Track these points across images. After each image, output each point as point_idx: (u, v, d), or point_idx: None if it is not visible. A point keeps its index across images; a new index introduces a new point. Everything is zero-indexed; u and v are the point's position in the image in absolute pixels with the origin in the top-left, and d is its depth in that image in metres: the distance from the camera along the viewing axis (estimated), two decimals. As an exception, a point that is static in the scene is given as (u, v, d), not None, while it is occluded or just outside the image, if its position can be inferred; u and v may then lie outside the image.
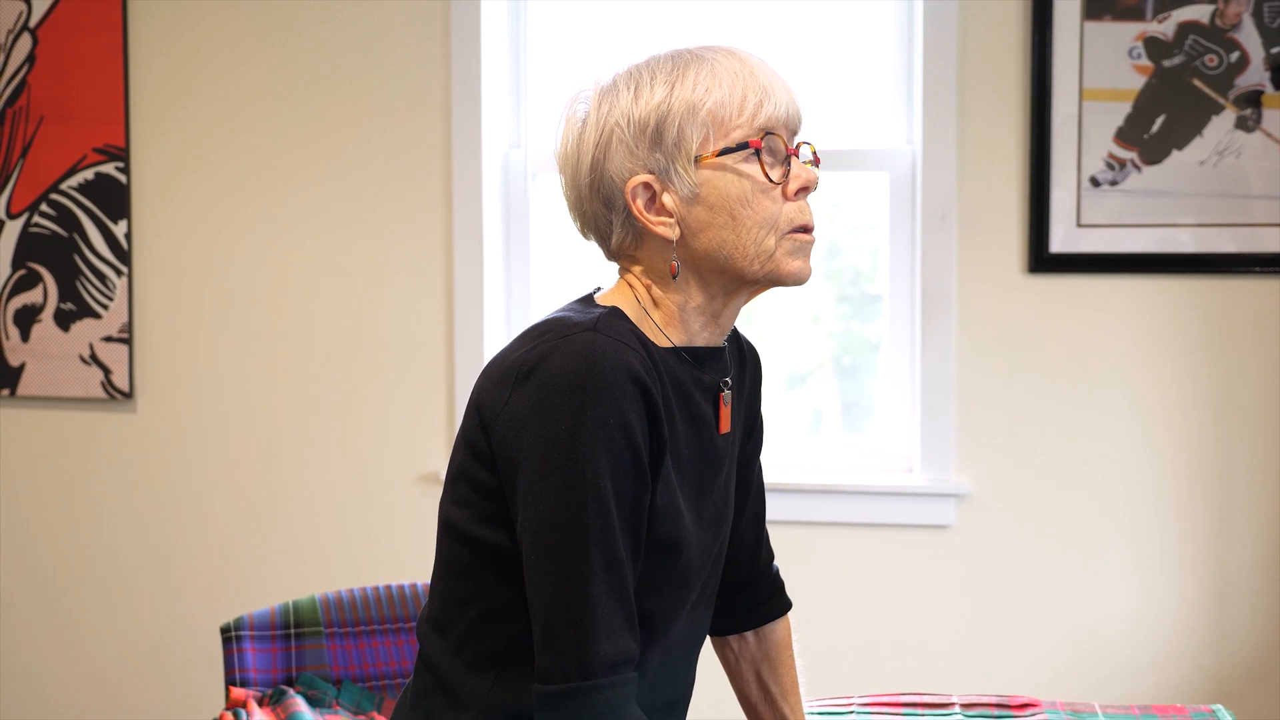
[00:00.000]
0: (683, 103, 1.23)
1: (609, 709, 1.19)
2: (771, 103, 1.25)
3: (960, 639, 2.66)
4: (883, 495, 2.67)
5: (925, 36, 2.62)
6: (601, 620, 1.18)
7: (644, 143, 1.24)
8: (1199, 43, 2.56)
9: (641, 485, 1.21)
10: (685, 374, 1.28)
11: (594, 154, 1.26)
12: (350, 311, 2.82)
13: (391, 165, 2.78)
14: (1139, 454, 2.61)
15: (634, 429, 1.19)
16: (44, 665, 2.98)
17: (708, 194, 1.24)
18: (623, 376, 1.19)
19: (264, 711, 2.03)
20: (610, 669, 1.19)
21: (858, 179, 2.79)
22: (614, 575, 1.19)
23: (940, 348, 2.64)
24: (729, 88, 1.24)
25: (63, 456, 2.94)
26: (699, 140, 1.23)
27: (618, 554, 1.19)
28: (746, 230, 1.24)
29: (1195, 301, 2.59)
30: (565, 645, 1.18)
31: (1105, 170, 2.59)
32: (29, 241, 2.91)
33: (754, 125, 1.24)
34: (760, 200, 1.24)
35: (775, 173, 1.25)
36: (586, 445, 1.17)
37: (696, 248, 1.26)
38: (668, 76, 1.24)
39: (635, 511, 1.21)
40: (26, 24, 2.89)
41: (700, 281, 1.28)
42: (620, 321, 1.25)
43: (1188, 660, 2.60)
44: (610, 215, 1.28)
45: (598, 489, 1.18)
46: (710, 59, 1.25)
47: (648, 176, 1.25)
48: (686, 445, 1.28)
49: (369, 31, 2.78)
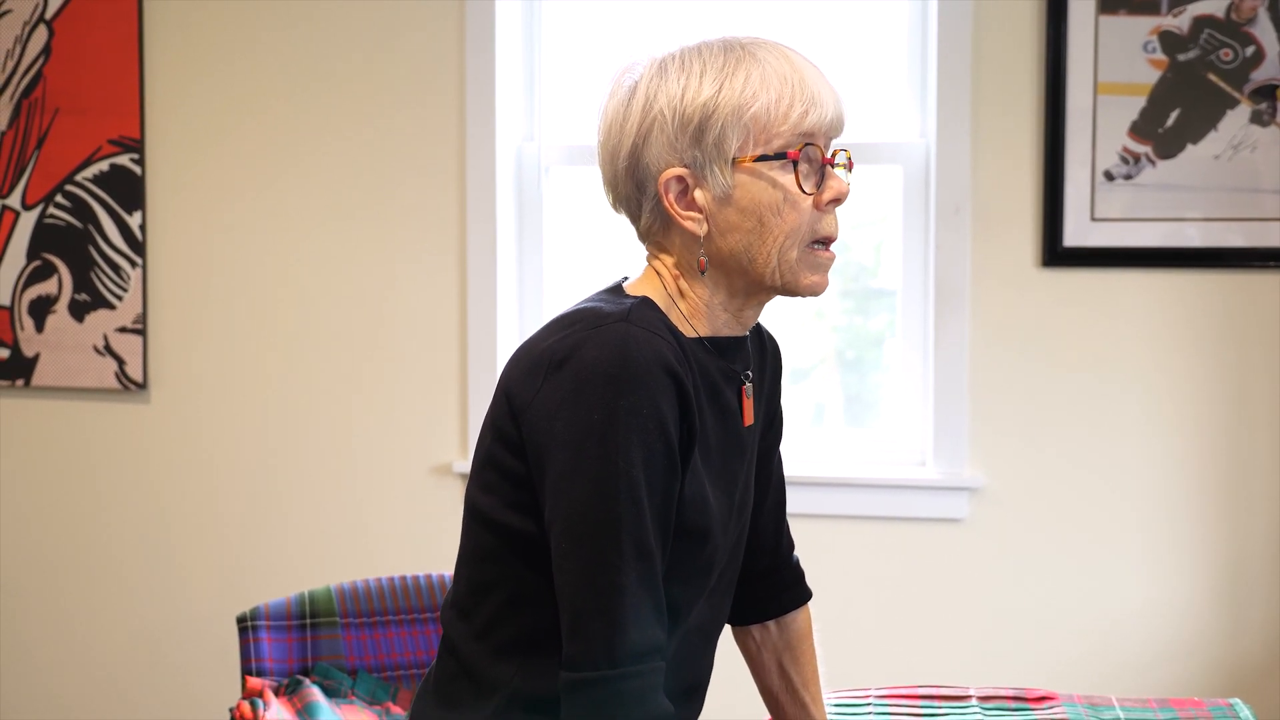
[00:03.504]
0: (729, 104, 1.24)
1: (636, 697, 1.19)
2: (817, 112, 1.26)
3: (973, 632, 2.67)
4: (896, 489, 2.67)
5: (940, 30, 2.62)
6: (631, 609, 1.19)
7: (685, 137, 1.25)
8: (1214, 37, 2.55)
9: (673, 475, 1.22)
10: (711, 364, 1.29)
11: (634, 139, 1.26)
12: (364, 303, 2.83)
13: (405, 157, 2.79)
14: (1152, 447, 2.61)
15: (667, 419, 1.20)
16: (58, 654, 2.99)
17: (740, 197, 1.25)
18: (656, 367, 1.20)
19: (280, 701, 2.04)
20: (638, 658, 1.19)
21: (864, 173, 2.79)
22: (644, 565, 1.20)
23: (953, 341, 2.64)
24: (776, 92, 1.25)
25: (77, 447, 2.95)
26: (739, 143, 1.24)
27: (648, 544, 1.20)
28: (773, 238, 1.26)
29: (1209, 295, 2.59)
30: (594, 633, 1.19)
31: (1119, 164, 2.59)
32: (44, 233, 2.92)
33: (796, 133, 1.25)
34: (790, 210, 1.25)
35: (809, 184, 1.26)
36: (620, 435, 1.18)
37: (722, 246, 1.27)
38: (719, 72, 1.25)
39: (666, 502, 1.22)
40: (42, 16, 2.89)
41: (724, 279, 1.29)
42: (651, 312, 1.26)
43: (1201, 653, 2.61)
44: (641, 199, 1.29)
45: (630, 478, 1.18)
46: (762, 59, 1.26)
47: (683, 170, 1.26)
48: (714, 435, 1.29)
49: (383, 23, 2.78)
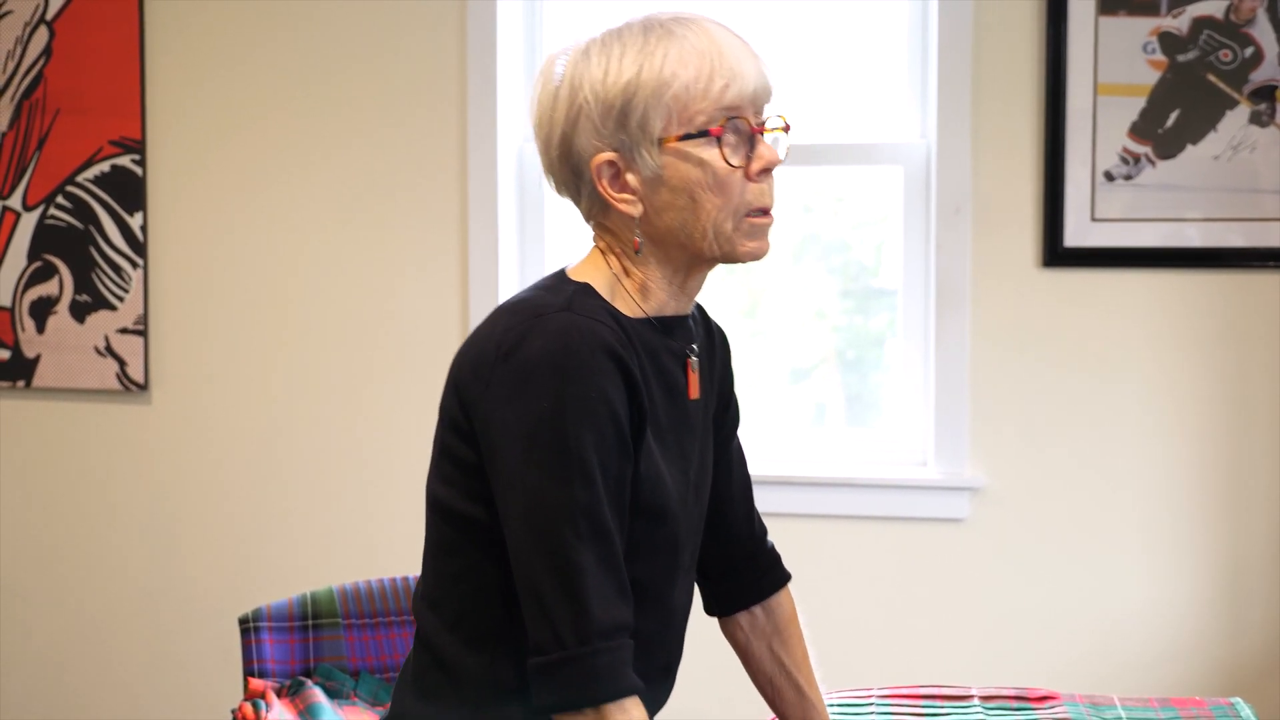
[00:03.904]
0: (649, 85, 1.25)
1: (607, 674, 1.21)
2: (738, 84, 1.26)
3: (974, 632, 2.67)
4: (897, 489, 2.67)
5: (940, 30, 2.62)
6: (594, 589, 1.20)
7: (610, 122, 1.26)
8: (1213, 37, 2.56)
9: (625, 457, 1.24)
10: (657, 342, 1.31)
11: (564, 128, 1.28)
12: (366, 304, 2.83)
13: (407, 158, 2.79)
14: (1153, 447, 2.61)
15: (614, 403, 1.22)
16: (59, 656, 2.99)
17: (670, 176, 1.26)
18: (600, 353, 1.22)
19: (283, 703, 2.04)
20: (606, 635, 1.21)
21: (863, 173, 2.80)
22: (603, 545, 1.21)
23: (954, 341, 2.64)
24: (695, 69, 1.25)
25: (78, 448, 2.95)
26: (662, 124, 1.25)
27: (606, 525, 1.22)
28: (705, 213, 1.27)
29: (1209, 296, 2.59)
30: (559, 615, 1.20)
31: (1119, 165, 2.59)
32: (45, 233, 2.92)
33: (718, 108, 1.26)
34: (719, 185, 1.26)
35: (736, 157, 1.27)
36: (570, 420, 1.20)
37: (658, 225, 1.28)
38: (638, 53, 1.26)
39: (620, 484, 1.24)
40: (43, 17, 2.90)
41: (664, 256, 1.30)
42: (592, 299, 1.28)
43: (1201, 653, 2.61)
44: (579, 184, 1.31)
45: (583, 461, 1.20)
46: (681, 36, 1.26)
47: (613, 154, 1.27)
48: (663, 412, 1.31)
49: (385, 24, 2.79)
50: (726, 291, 2.91)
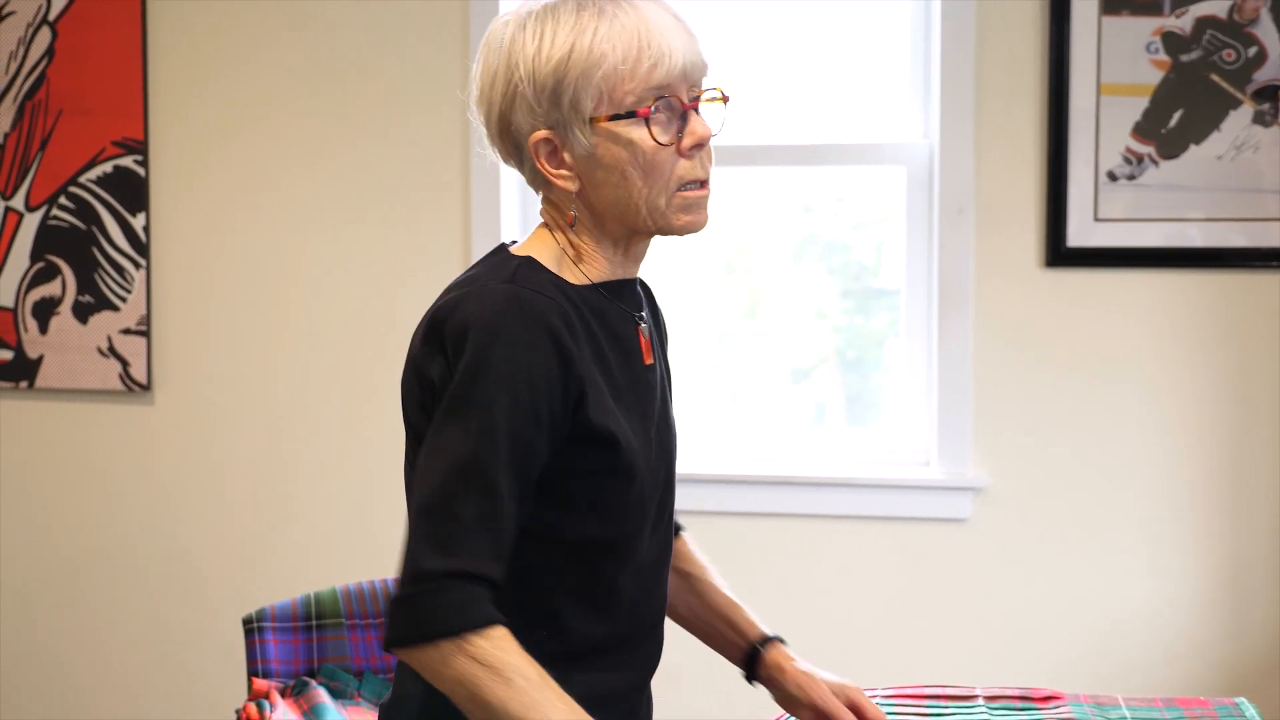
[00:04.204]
0: (578, 66, 1.27)
1: (456, 608, 1.20)
2: (666, 63, 1.28)
3: (977, 632, 2.67)
4: (900, 489, 2.67)
5: (943, 30, 2.62)
6: (463, 539, 1.22)
7: (544, 102, 1.29)
8: (1217, 37, 2.56)
9: (537, 429, 1.25)
10: (608, 308, 1.34)
11: (501, 106, 1.31)
12: (369, 304, 2.83)
13: (410, 159, 2.79)
14: (1155, 447, 2.61)
15: (539, 375, 1.24)
16: (62, 657, 2.99)
17: (603, 154, 1.29)
18: (534, 325, 1.25)
19: (287, 703, 2.04)
20: (463, 579, 1.21)
21: (864, 173, 2.80)
22: (488, 503, 1.23)
23: (957, 341, 2.64)
24: (624, 49, 1.27)
25: (80, 448, 2.96)
26: (593, 104, 1.28)
27: (496, 486, 1.23)
28: (638, 190, 1.30)
29: (1211, 296, 2.59)
30: (421, 552, 1.22)
31: (1122, 165, 2.59)
32: (48, 234, 2.92)
33: (647, 88, 1.28)
34: (650, 163, 1.29)
35: (666, 135, 1.29)
36: (489, 379, 1.23)
37: (595, 200, 1.32)
38: (569, 32, 1.28)
39: (526, 452, 1.25)
40: (46, 17, 2.90)
41: (603, 229, 1.34)
42: (537, 273, 1.30)
43: (1205, 653, 2.61)
44: (520, 158, 1.34)
45: (491, 420, 1.22)
46: (611, 15, 1.28)
47: (548, 132, 1.30)
48: (621, 375, 1.33)
49: (388, 26, 2.79)
50: (727, 291, 2.91)
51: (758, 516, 2.72)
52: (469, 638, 1.21)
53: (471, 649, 1.21)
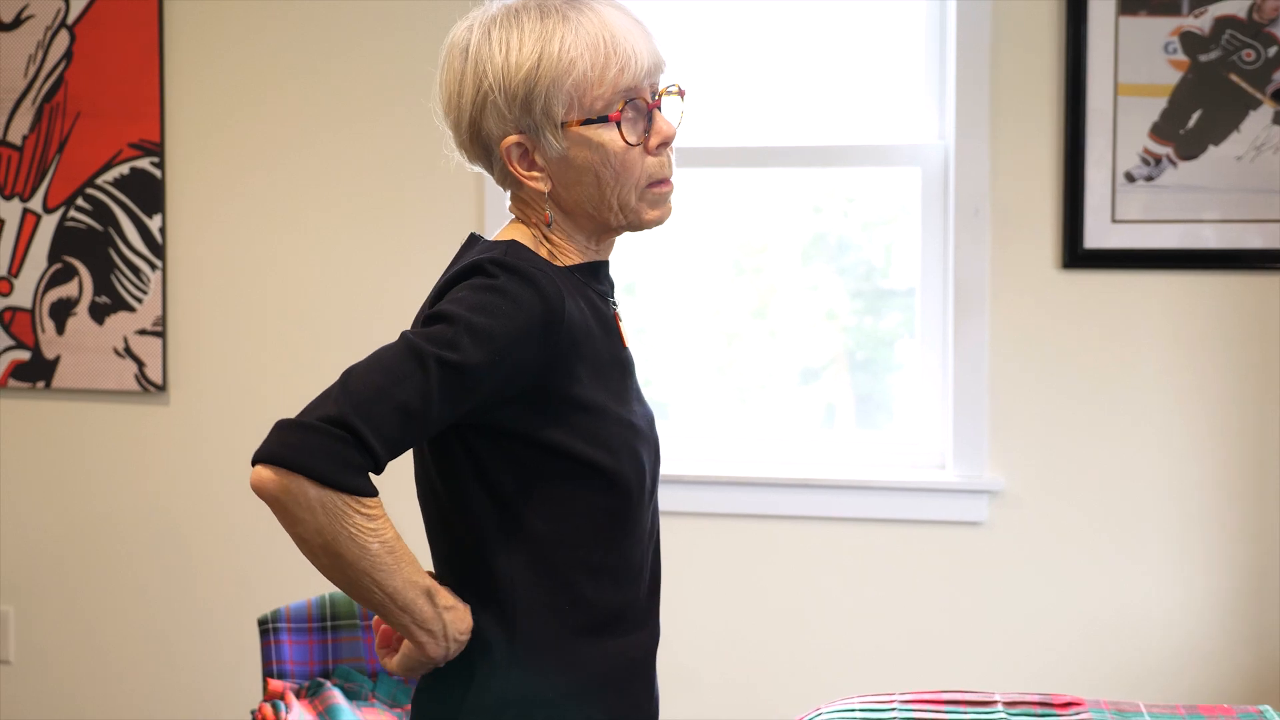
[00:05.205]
0: (547, 75, 1.32)
1: (348, 464, 1.23)
2: (632, 67, 1.33)
3: (994, 637, 2.66)
4: (915, 492, 2.66)
5: (958, 31, 2.61)
6: (384, 415, 1.24)
7: (515, 108, 1.33)
8: (1236, 37, 2.54)
9: (486, 382, 1.27)
10: (589, 289, 1.39)
11: (471, 113, 1.36)
12: (383, 305, 2.83)
13: (424, 160, 2.79)
14: (1173, 450, 2.59)
15: (515, 342, 1.27)
16: (77, 656, 3.00)
17: (574, 157, 1.34)
18: (546, 280, 1.29)
19: (302, 704, 2.04)
20: (361, 441, 1.24)
21: (876, 174, 2.79)
22: (418, 404, 1.24)
23: (973, 344, 2.63)
24: (590, 58, 1.32)
25: (96, 448, 2.97)
26: (564, 110, 1.32)
27: (431, 397, 1.24)
28: (609, 189, 1.35)
29: (1230, 297, 2.57)
30: (339, 398, 1.26)
31: (1140, 166, 2.58)
32: (65, 235, 2.93)
33: (616, 92, 1.33)
34: (620, 163, 1.34)
35: (634, 135, 1.34)
36: (472, 316, 1.26)
37: (567, 199, 1.37)
38: (536, 40, 1.32)
39: (463, 391, 1.26)
40: (64, 21, 2.91)
41: (575, 225, 1.39)
42: (527, 251, 1.35)
43: (1225, 658, 2.59)
44: (490, 160, 1.39)
45: (453, 345, 1.25)
46: (575, 21, 1.33)
47: (520, 137, 1.35)
48: (603, 348, 1.36)
49: (402, 28, 2.79)
50: (736, 292, 2.90)
51: (770, 519, 2.71)
52: (359, 499, 1.24)
53: (360, 508, 1.24)
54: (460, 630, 1.32)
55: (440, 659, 1.33)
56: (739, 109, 2.77)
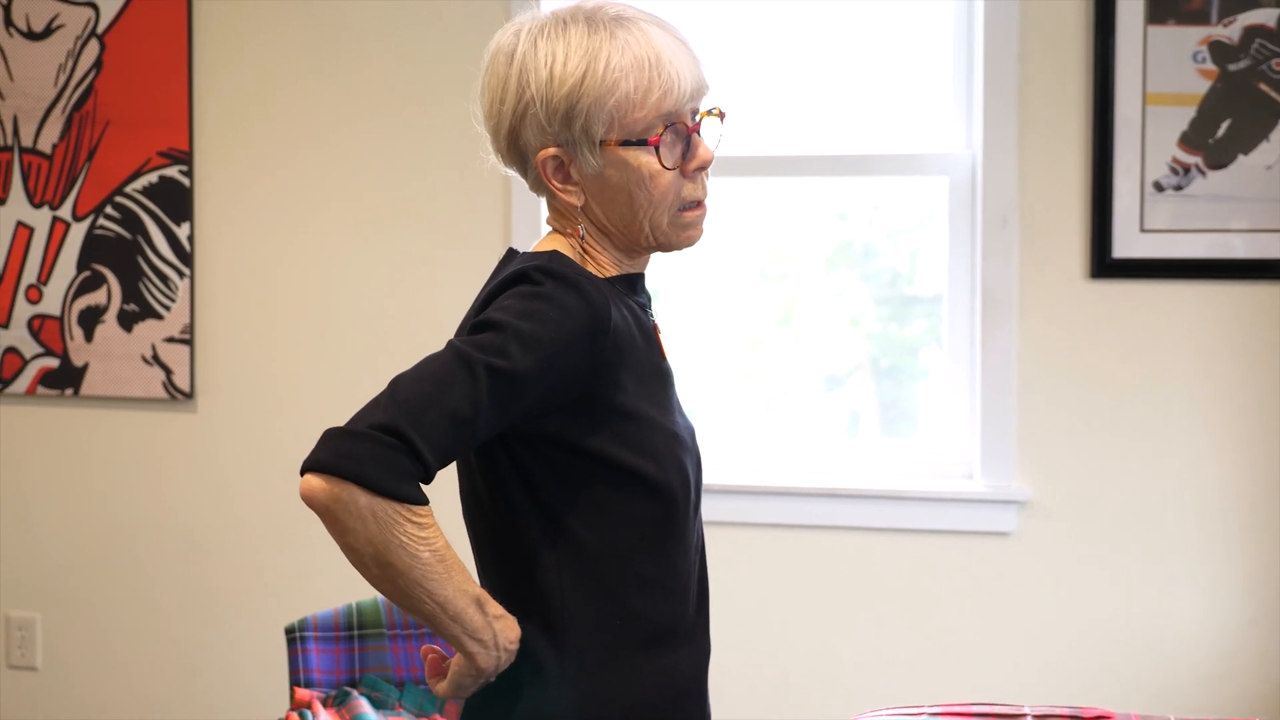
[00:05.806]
0: (591, 94, 1.31)
1: (399, 471, 1.22)
2: (675, 92, 1.33)
3: (1022, 648, 2.64)
4: (942, 501, 2.65)
5: (986, 40, 2.60)
6: (434, 423, 1.22)
7: (556, 123, 1.33)
8: (1265, 46, 2.53)
9: (535, 389, 1.26)
10: (630, 300, 1.39)
11: (511, 121, 1.35)
12: (411, 312, 2.84)
13: (452, 165, 2.80)
14: (1203, 461, 2.58)
15: (563, 348, 1.26)
16: (103, 663, 3.01)
17: (610, 175, 1.34)
18: (592, 288, 1.29)
19: (329, 712, 2.04)
20: (412, 449, 1.22)
21: (904, 182, 2.78)
22: (469, 410, 1.23)
23: (1001, 353, 2.62)
24: (634, 80, 1.31)
25: (124, 456, 2.98)
26: (604, 129, 1.32)
27: (473, 408, 1.23)
28: (642, 209, 1.35)
29: (1259, 307, 2.56)
30: (388, 406, 1.23)
31: (1169, 175, 2.56)
32: (94, 243, 2.95)
33: (657, 115, 1.33)
34: (656, 185, 1.34)
35: (672, 158, 1.34)
36: (520, 323, 1.25)
37: (600, 215, 1.37)
38: (582, 55, 1.32)
39: (512, 398, 1.25)
40: (94, 30, 2.93)
41: (608, 240, 1.40)
42: (571, 265, 1.33)
43: (1255, 673, 2.57)
44: (525, 169, 1.39)
45: (501, 352, 1.24)
46: (622, 39, 1.32)
47: (558, 150, 1.35)
48: (645, 359, 1.36)
49: (431, 32, 2.80)
50: (761, 299, 2.90)
51: (794, 529, 2.71)
52: (410, 508, 1.23)
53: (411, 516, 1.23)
54: (510, 640, 1.30)
55: (491, 671, 1.30)
56: (766, 118, 2.77)
